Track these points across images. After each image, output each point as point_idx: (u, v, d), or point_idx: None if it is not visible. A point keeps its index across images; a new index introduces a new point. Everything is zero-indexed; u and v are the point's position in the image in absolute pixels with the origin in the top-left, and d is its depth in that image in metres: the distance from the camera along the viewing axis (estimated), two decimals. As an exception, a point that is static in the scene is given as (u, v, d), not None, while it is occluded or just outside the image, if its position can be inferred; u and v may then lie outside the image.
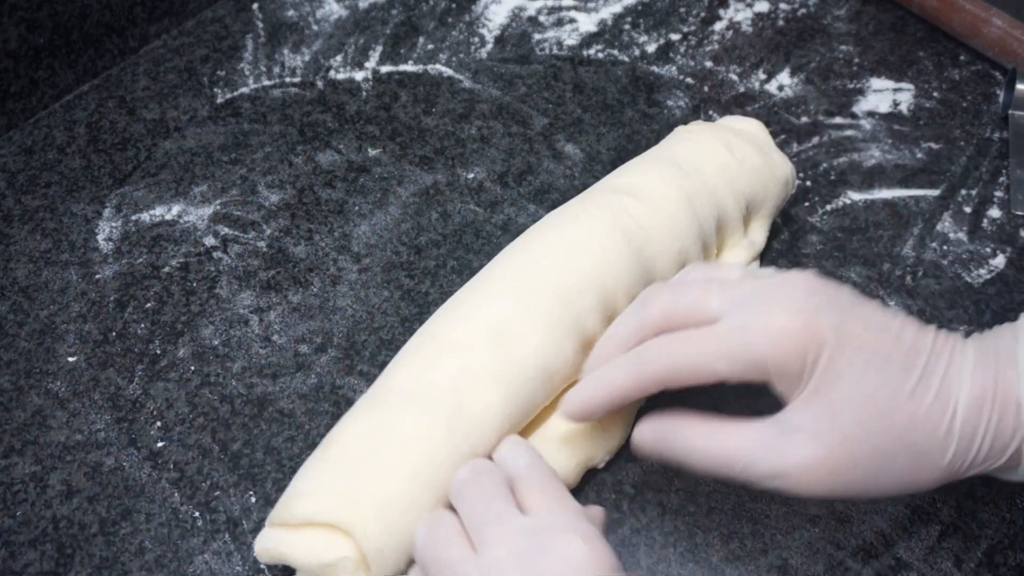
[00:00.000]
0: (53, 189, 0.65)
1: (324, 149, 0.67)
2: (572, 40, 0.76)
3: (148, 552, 0.49)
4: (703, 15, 0.78)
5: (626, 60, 0.74)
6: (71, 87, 0.70)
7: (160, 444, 0.53)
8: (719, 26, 0.77)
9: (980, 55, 0.75)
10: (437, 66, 0.73)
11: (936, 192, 0.66)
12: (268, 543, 0.45)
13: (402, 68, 0.73)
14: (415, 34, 0.75)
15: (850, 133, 0.70)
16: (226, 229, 0.63)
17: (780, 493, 0.43)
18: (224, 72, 0.72)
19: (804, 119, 0.70)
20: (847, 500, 0.44)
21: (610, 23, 0.77)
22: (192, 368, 0.56)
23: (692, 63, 0.74)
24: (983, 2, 0.73)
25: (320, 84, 0.72)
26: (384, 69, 0.73)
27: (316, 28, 0.75)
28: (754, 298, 0.43)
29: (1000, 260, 0.62)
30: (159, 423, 0.54)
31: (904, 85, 0.73)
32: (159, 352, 0.57)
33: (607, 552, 0.42)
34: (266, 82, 0.72)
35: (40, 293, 0.59)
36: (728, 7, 0.79)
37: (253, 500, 0.51)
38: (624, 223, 0.53)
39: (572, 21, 0.77)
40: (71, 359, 0.56)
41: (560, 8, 0.78)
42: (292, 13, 0.76)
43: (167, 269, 0.61)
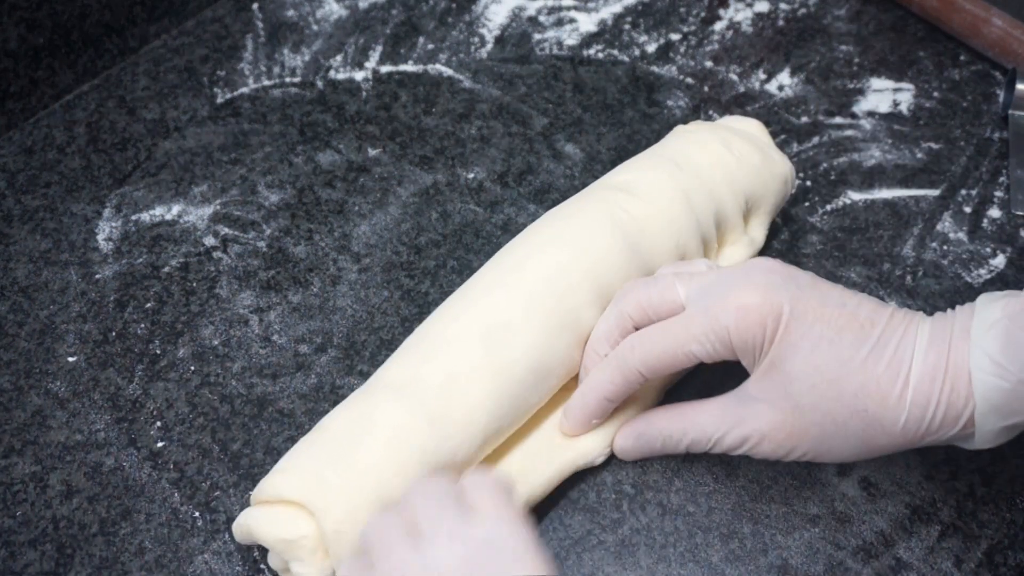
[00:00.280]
0: (53, 189, 0.65)
1: (324, 149, 0.67)
2: (572, 40, 0.76)
3: (148, 552, 0.49)
4: (703, 15, 0.78)
5: (626, 60, 0.74)
6: (71, 87, 0.70)
7: (160, 444, 0.53)
8: (719, 26, 0.77)
9: (980, 55, 0.75)
10: (437, 66, 0.73)
11: (936, 192, 0.66)
12: (241, 519, 0.46)
13: (402, 68, 0.73)
14: (415, 34, 0.75)
15: (850, 133, 0.69)
16: (226, 229, 0.63)
17: (753, 457, 0.47)
18: (224, 72, 0.72)
19: (804, 119, 0.70)
20: (815, 462, 0.48)
21: (610, 23, 0.77)
22: (192, 368, 0.56)
23: (692, 63, 0.74)
24: (983, 2, 0.73)
25: (320, 84, 0.72)
26: (384, 69, 0.73)
27: (316, 28, 0.75)
28: (718, 283, 0.47)
29: (1000, 260, 0.62)
30: (159, 423, 0.54)
31: (904, 85, 0.73)
32: (159, 352, 0.57)
33: (548, 562, 0.41)
34: (266, 82, 0.72)
35: (40, 293, 0.59)
36: (728, 7, 0.79)
37: (253, 500, 0.51)
38: (619, 218, 0.53)
39: (572, 21, 0.77)
40: (71, 359, 0.56)
41: (560, 8, 0.78)
42: (292, 13, 0.76)
43: (167, 269, 0.61)
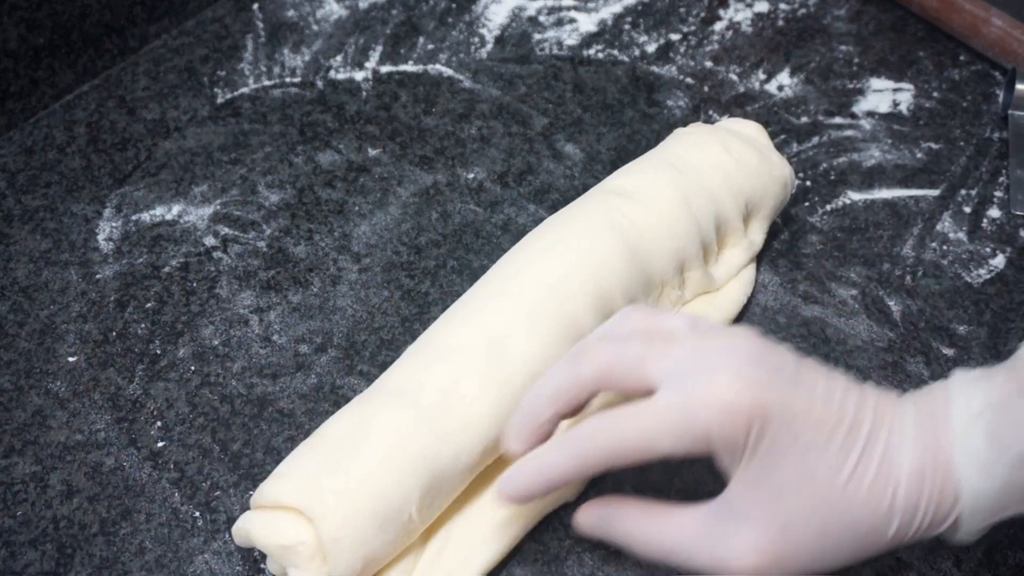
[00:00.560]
0: (53, 189, 0.65)
1: (324, 149, 0.67)
2: (572, 40, 0.76)
3: (148, 552, 0.49)
4: (703, 15, 0.78)
5: (626, 60, 0.74)
6: (71, 87, 0.70)
7: (160, 444, 0.53)
8: (719, 26, 0.77)
9: (980, 55, 0.75)
10: (437, 66, 0.73)
11: (936, 192, 0.66)
12: (240, 523, 0.46)
13: (402, 68, 0.73)
14: (415, 34, 0.75)
15: (850, 133, 0.69)
16: (226, 229, 0.63)
17: None
18: (224, 72, 0.72)
19: (804, 119, 0.70)
20: None
21: (610, 23, 0.77)
22: (192, 368, 0.56)
23: (692, 63, 0.74)
24: (983, 2, 0.73)
25: (320, 84, 0.72)
26: (384, 69, 0.73)
27: (316, 28, 0.75)
28: (696, 365, 0.41)
29: (1000, 260, 0.62)
30: (159, 423, 0.54)
31: (904, 85, 0.73)
32: (159, 352, 0.57)
33: None
34: (266, 82, 0.72)
35: (40, 293, 0.59)
36: (728, 7, 0.79)
37: (253, 500, 0.51)
38: (618, 222, 0.53)
39: (572, 21, 0.77)
40: (71, 359, 0.56)
41: (560, 8, 0.78)
42: (292, 13, 0.76)
43: (167, 269, 0.61)
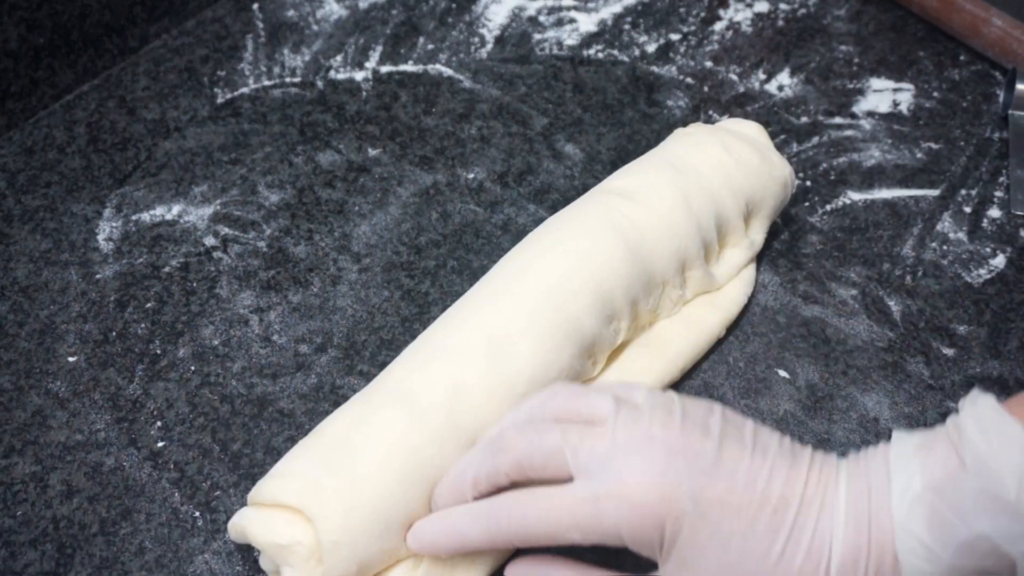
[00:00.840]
0: (53, 189, 0.65)
1: (324, 149, 0.67)
2: (572, 40, 0.76)
3: (148, 552, 0.49)
4: (703, 15, 0.78)
5: (626, 60, 0.74)
6: (71, 87, 0.70)
7: (160, 444, 0.53)
8: (719, 26, 0.77)
9: (980, 55, 0.75)
10: (437, 66, 0.73)
11: (936, 192, 0.66)
12: (236, 519, 0.46)
13: (402, 68, 0.73)
14: (415, 34, 0.75)
15: (850, 133, 0.69)
16: (226, 229, 0.63)
17: None
18: (224, 72, 0.72)
19: (804, 119, 0.70)
20: None
21: (610, 23, 0.77)
22: (192, 368, 0.56)
23: (692, 63, 0.74)
24: (983, 2, 0.73)
25: (320, 84, 0.72)
26: (384, 69, 0.73)
27: (316, 28, 0.75)
28: (611, 459, 0.41)
29: (1000, 260, 0.62)
30: (159, 423, 0.54)
31: (904, 85, 0.73)
32: (159, 352, 0.57)
33: None
34: (266, 82, 0.72)
35: (40, 293, 0.59)
36: (728, 7, 0.79)
37: (253, 500, 0.51)
38: (618, 223, 0.53)
39: (572, 21, 0.77)
40: (71, 359, 0.56)
41: (560, 8, 0.78)
42: (292, 13, 0.76)
43: (167, 269, 0.61)
